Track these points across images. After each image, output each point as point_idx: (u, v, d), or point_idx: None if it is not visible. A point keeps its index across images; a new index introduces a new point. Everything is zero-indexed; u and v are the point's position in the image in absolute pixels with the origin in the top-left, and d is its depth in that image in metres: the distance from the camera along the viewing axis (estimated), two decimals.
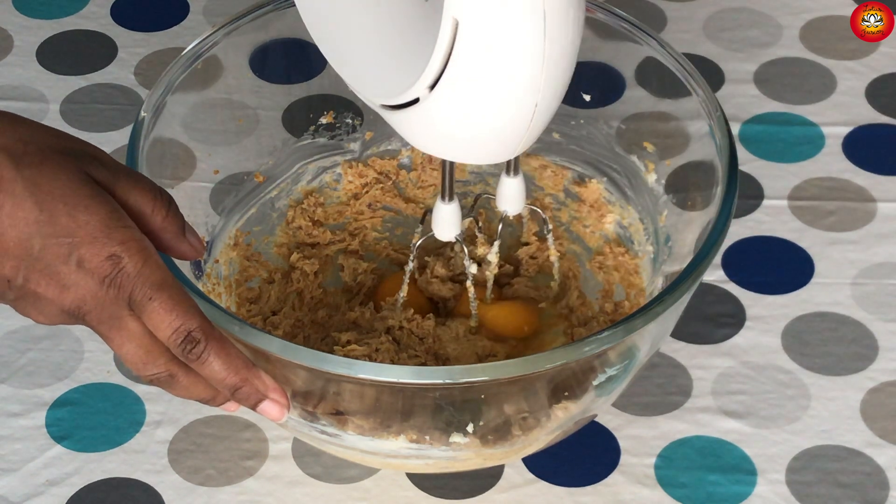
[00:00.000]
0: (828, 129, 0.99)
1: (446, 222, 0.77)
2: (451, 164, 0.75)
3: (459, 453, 0.73)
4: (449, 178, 0.75)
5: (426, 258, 0.86)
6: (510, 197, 0.78)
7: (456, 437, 0.72)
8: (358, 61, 0.70)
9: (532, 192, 0.88)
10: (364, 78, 0.70)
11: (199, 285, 0.79)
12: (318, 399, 0.71)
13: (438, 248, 0.86)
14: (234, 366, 0.66)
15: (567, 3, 0.63)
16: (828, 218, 0.93)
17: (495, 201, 0.79)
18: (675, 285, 0.70)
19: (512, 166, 0.77)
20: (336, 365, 0.67)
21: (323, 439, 0.74)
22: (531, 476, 0.80)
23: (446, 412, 0.71)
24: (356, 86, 0.71)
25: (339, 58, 0.71)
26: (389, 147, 0.89)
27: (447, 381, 0.67)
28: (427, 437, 0.72)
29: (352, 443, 0.73)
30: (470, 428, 0.72)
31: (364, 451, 0.74)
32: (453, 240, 0.78)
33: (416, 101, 0.66)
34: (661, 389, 0.83)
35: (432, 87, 0.64)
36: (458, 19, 0.62)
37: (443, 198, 0.76)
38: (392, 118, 0.69)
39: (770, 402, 0.83)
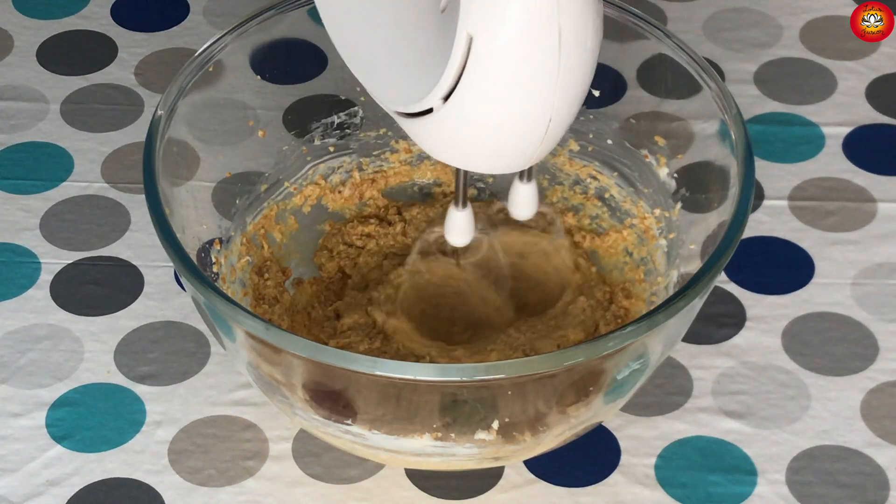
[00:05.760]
0: (828, 129, 0.99)
1: (459, 229, 0.77)
2: (466, 173, 0.75)
3: (484, 450, 0.73)
4: (463, 185, 0.75)
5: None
6: (522, 203, 0.78)
7: (481, 435, 0.72)
8: (375, 69, 0.71)
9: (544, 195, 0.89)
10: (381, 85, 0.71)
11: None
12: (343, 398, 0.71)
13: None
14: None
15: (584, 18, 0.63)
16: (828, 218, 0.93)
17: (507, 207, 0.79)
18: (696, 280, 0.71)
19: (526, 172, 0.77)
20: (360, 363, 0.67)
21: (347, 439, 0.74)
22: (531, 476, 0.80)
23: (471, 408, 0.72)
24: (373, 91, 0.71)
25: (358, 64, 0.72)
26: (396, 147, 0.90)
27: (475, 377, 0.67)
28: (452, 435, 0.72)
29: (377, 442, 0.73)
30: (495, 425, 0.72)
31: (389, 451, 0.74)
32: (461, 245, 0.79)
33: (430, 110, 0.66)
34: (661, 389, 0.84)
35: (446, 98, 0.65)
36: (471, 34, 0.62)
37: (456, 204, 0.76)
38: (407, 125, 0.69)
39: (770, 403, 0.83)
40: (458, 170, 0.74)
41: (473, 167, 0.70)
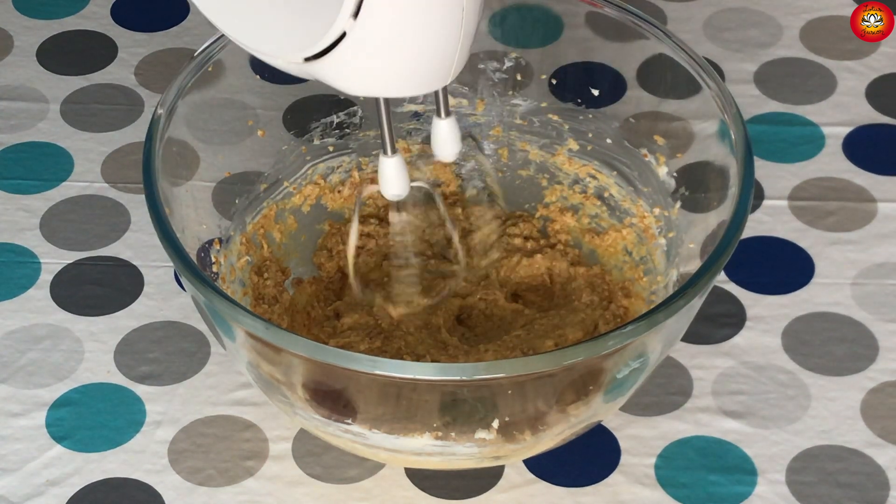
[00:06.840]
0: (828, 129, 0.99)
1: (393, 178, 0.74)
2: (388, 111, 0.71)
3: (484, 449, 0.73)
4: (388, 126, 0.72)
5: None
6: (444, 141, 0.75)
7: (481, 434, 0.72)
8: (272, 26, 0.68)
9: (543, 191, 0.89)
10: (278, 38, 0.67)
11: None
12: (343, 398, 0.72)
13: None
14: None
15: None
16: (828, 218, 0.93)
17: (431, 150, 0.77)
18: (695, 279, 0.71)
19: (442, 105, 0.74)
20: (360, 363, 0.67)
21: (347, 439, 0.74)
22: (531, 476, 0.80)
23: (471, 407, 0.72)
24: (276, 53, 0.68)
25: (244, 29, 0.69)
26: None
27: (474, 377, 0.67)
28: (452, 434, 0.72)
29: (377, 441, 0.73)
30: (495, 423, 0.72)
31: (389, 450, 0.74)
32: (400, 197, 0.75)
33: (342, 38, 0.64)
34: (661, 389, 0.83)
35: (356, 14, 0.63)
36: None
37: (385, 151, 0.73)
38: (320, 71, 0.67)
39: (770, 403, 0.83)
40: (379, 111, 0.71)
41: (401, 90, 0.67)
